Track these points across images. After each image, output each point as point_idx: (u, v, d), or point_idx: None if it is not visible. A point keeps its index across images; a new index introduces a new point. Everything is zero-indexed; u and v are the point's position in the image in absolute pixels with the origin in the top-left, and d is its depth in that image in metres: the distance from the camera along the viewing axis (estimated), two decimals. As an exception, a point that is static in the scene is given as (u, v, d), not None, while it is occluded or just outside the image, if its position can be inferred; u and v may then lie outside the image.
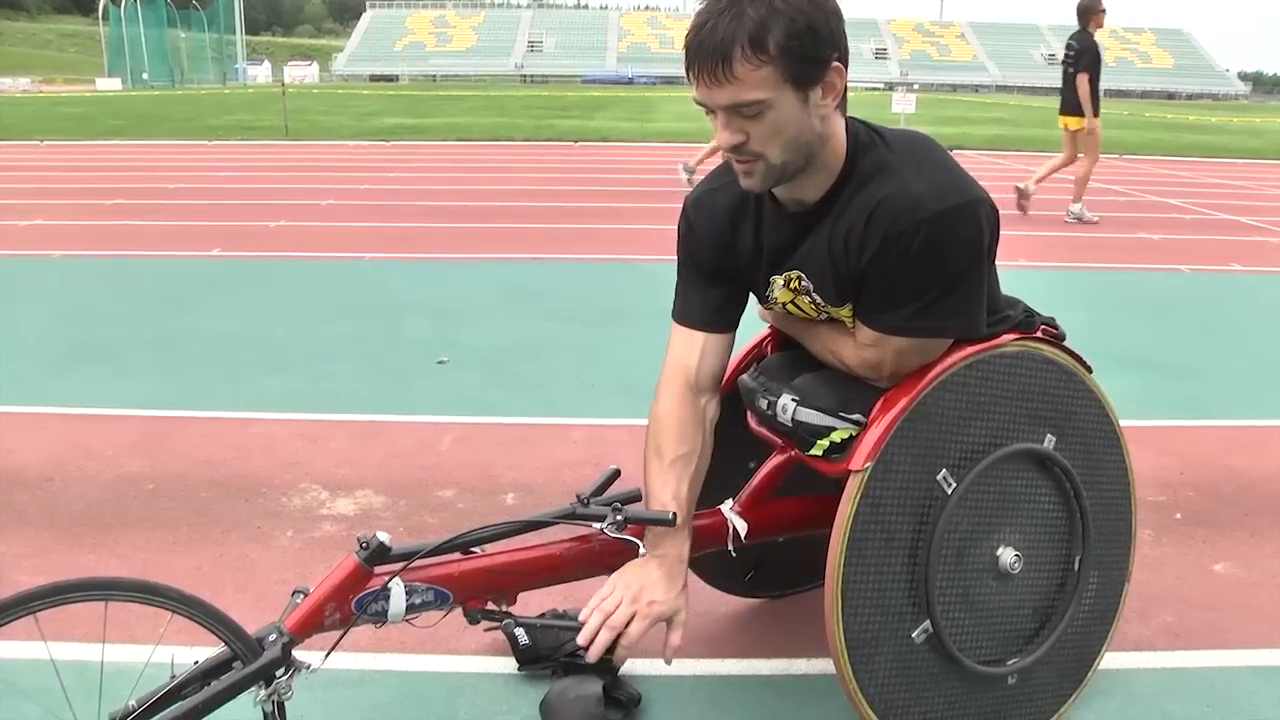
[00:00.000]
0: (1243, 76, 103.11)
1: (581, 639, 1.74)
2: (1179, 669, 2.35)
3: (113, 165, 13.88)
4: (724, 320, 1.96)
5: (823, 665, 2.28)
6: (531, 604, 1.93)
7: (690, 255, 1.96)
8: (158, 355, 4.75)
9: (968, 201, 1.70)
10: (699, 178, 8.33)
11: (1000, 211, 1.80)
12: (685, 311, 1.97)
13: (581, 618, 1.75)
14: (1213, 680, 2.30)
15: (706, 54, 1.56)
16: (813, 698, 2.19)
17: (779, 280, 1.89)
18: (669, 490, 1.85)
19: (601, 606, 1.75)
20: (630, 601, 1.75)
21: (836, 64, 1.62)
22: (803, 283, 1.86)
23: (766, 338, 2.22)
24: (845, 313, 1.87)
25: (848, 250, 1.74)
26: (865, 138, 1.75)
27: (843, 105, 1.71)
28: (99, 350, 4.82)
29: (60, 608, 1.50)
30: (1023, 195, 9.53)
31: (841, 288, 1.81)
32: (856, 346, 1.86)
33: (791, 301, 1.92)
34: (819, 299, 1.87)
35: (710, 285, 1.94)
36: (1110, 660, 2.19)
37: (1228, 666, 2.36)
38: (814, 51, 1.58)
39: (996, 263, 1.87)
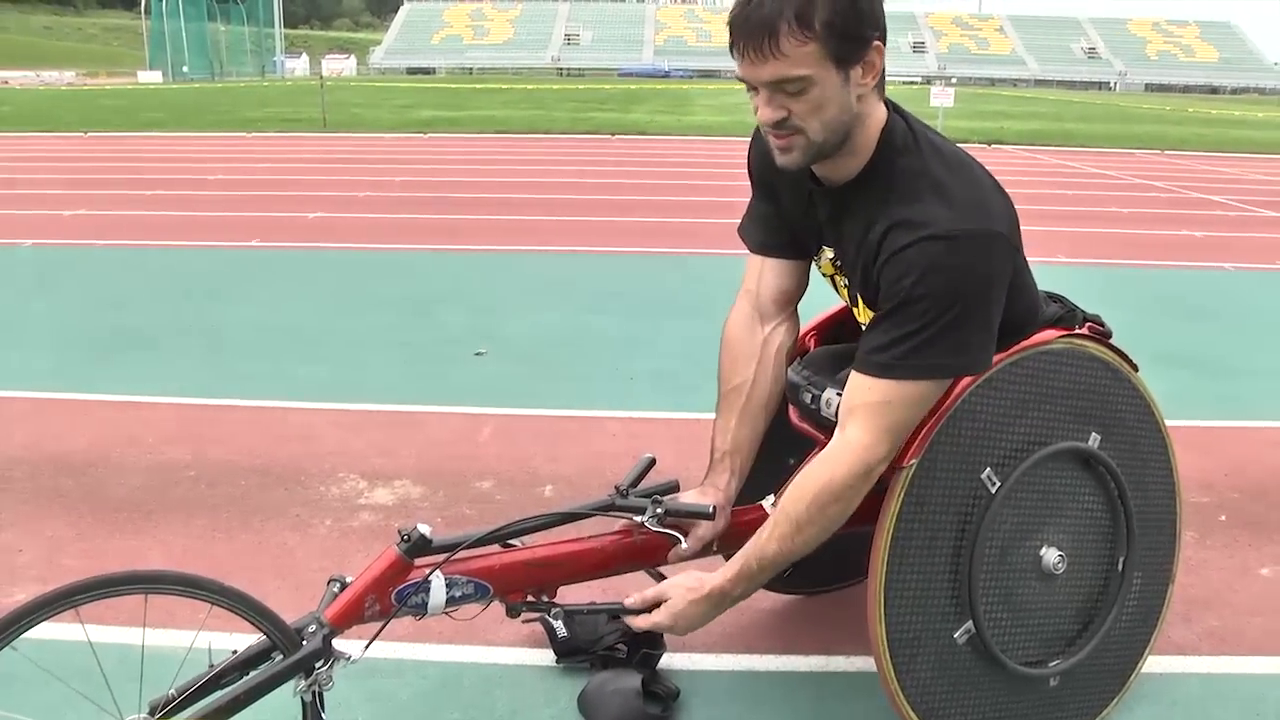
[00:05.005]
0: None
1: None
2: (1224, 675, 2.30)
3: (153, 156, 14.04)
4: (774, 244, 2.00)
5: (861, 662, 2.27)
6: (568, 597, 1.92)
7: (750, 172, 2.00)
8: (198, 344, 4.81)
9: (984, 230, 1.65)
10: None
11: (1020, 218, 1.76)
12: (745, 229, 2.06)
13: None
14: (1260, 688, 2.26)
15: (752, 29, 1.57)
16: (851, 695, 2.18)
17: (828, 252, 1.89)
18: (720, 422, 2.01)
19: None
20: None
21: (877, 42, 1.62)
22: (839, 265, 1.87)
23: (810, 333, 2.21)
24: (862, 314, 1.84)
25: (873, 250, 1.71)
26: (902, 138, 1.72)
27: (880, 87, 1.70)
28: (141, 339, 4.89)
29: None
30: None
31: (866, 285, 1.78)
32: (843, 432, 1.73)
33: (833, 277, 1.94)
34: (846, 282, 1.88)
35: (763, 204, 2.00)
36: (1153, 664, 2.16)
37: (1276, 674, 2.31)
38: (857, 29, 1.58)
39: (1033, 259, 1.84)
